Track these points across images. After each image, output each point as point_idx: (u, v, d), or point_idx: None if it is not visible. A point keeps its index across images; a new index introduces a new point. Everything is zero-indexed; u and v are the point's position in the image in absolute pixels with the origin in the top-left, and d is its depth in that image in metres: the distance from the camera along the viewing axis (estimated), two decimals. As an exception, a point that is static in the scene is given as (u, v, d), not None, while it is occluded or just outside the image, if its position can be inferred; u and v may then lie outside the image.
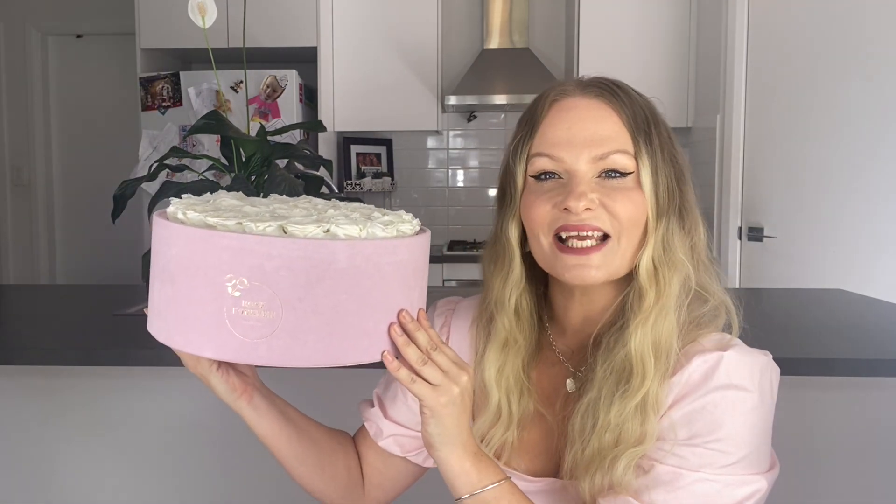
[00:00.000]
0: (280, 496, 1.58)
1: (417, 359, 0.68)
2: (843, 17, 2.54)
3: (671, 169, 0.78)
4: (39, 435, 1.60)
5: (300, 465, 0.86)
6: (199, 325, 0.63)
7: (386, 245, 0.65)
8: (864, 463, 1.51)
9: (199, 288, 0.62)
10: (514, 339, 0.83)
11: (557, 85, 0.82)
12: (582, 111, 0.78)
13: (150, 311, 0.69)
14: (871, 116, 2.46)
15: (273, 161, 1.46)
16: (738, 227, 2.93)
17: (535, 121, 0.80)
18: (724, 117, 2.97)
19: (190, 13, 1.38)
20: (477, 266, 0.90)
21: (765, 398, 0.75)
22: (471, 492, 0.74)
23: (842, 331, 1.66)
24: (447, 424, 0.72)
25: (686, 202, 0.80)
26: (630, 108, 0.78)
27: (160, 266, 0.66)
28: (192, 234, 0.63)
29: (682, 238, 0.78)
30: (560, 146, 0.77)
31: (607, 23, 3.40)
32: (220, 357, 0.64)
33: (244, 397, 0.79)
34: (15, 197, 4.25)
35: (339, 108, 3.54)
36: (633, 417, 0.74)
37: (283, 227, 0.62)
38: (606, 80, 0.81)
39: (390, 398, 0.91)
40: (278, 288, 0.61)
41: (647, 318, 0.76)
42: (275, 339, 0.62)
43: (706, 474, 0.72)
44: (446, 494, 0.78)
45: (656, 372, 0.74)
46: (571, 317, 0.84)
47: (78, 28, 4.14)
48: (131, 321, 1.67)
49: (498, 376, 0.83)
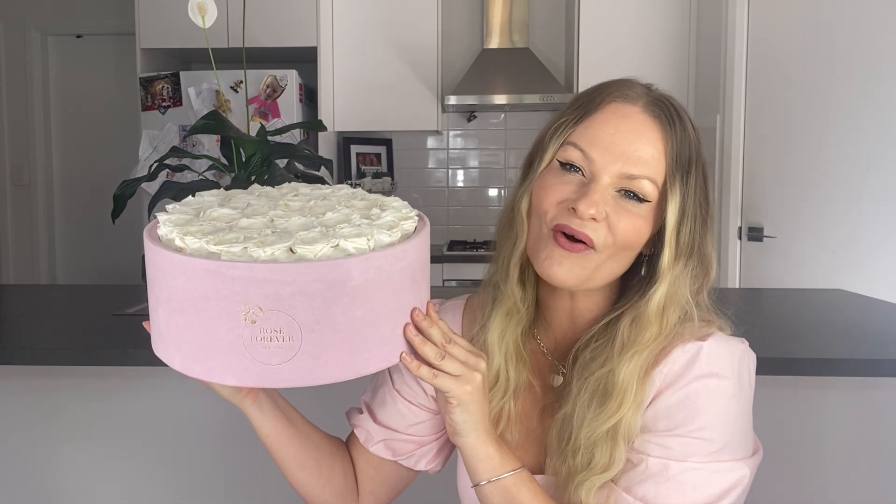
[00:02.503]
0: (280, 496, 1.58)
1: (435, 355, 0.69)
2: (843, 17, 2.54)
3: (698, 213, 0.78)
4: (39, 435, 1.60)
5: (299, 468, 0.86)
6: (217, 354, 0.62)
7: (395, 253, 0.64)
8: (864, 463, 1.51)
9: (212, 318, 0.61)
10: (516, 308, 0.84)
11: (625, 84, 0.81)
12: (634, 124, 0.77)
13: (155, 334, 0.67)
14: (871, 116, 2.46)
15: (273, 161, 1.46)
16: (738, 227, 2.93)
17: (587, 110, 0.79)
18: (724, 117, 2.97)
19: (190, 13, 1.38)
20: (477, 266, 0.91)
21: (744, 385, 0.76)
22: (492, 477, 0.75)
23: (842, 331, 1.65)
24: (473, 411, 0.73)
25: (703, 247, 0.79)
26: (679, 142, 0.77)
27: (165, 295, 0.63)
28: (198, 267, 0.60)
29: (691, 282, 0.78)
30: (597, 147, 0.77)
31: (607, 23, 3.40)
32: (243, 384, 0.63)
33: (249, 397, 0.79)
34: (15, 197, 4.25)
35: (339, 108, 3.54)
36: (604, 442, 0.75)
37: (292, 249, 0.61)
38: (670, 104, 0.79)
39: (379, 403, 0.91)
40: (295, 312, 0.60)
41: (643, 350, 0.76)
42: (297, 362, 0.61)
43: (693, 463, 0.73)
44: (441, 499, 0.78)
45: (634, 400, 0.75)
46: (557, 314, 0.86)
47: (78, 28, 4.14)
48: (131, 321, 1.67)
49: (500, 341, 0.84)
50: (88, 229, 4.17)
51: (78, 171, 4.23)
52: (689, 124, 0.80)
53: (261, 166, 1.45)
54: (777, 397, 1.46)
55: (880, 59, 2.43)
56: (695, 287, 0.79)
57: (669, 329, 0.77)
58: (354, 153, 3.76)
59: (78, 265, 4.30)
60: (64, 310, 1.92)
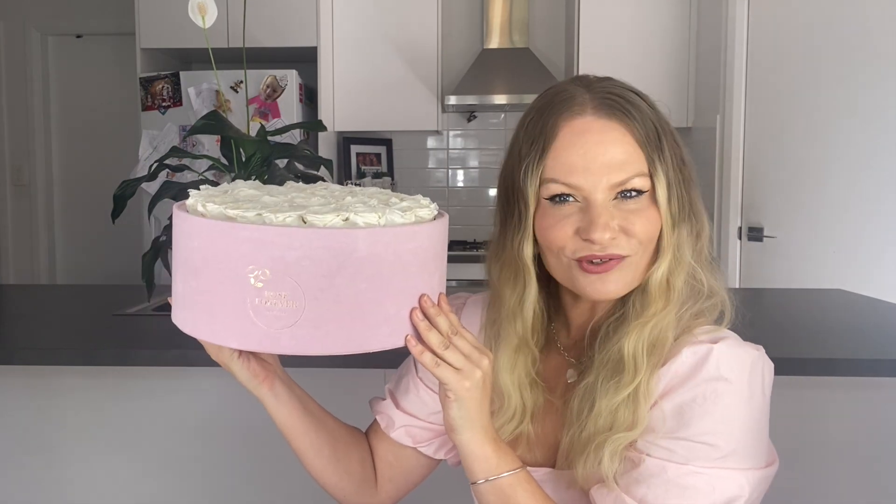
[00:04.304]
0: (280, 495, 1.58)
1: (439, 343, 0.69)
2: (842, 17, 2.54)
3: (680, 176, 0.79)
4: (39, 435, 1.60)
5: (316, 456, 0.87)
6: (224, 316, 0.64)
7: (405, 231, 0.65)
8: (864, 463, 1.51)
9: (222, 280, 0.63)
10: (525, 341, 0.84)
11: (567, 100, 0.78)
12: (596, 134, 0.76)
13: (174, 303, 0.70)
14: (871, 116, 2.46)
15: (273, 161, 1.46)
16: (738, 227, 2.93)
17: (546, 141, 0.77)
18: (724, 117, 2.97)
19: (190, 13, 1.38)
20: (477, 266, 0.91)
21: (755, 392, 0.75)
22: (489, 476, 0.75)
23: (842, 331, 1.66)
24: (470, 408, 0.72)
25: (694, 205, 0.80)
26: (642, 125, 0.77)
27: (182, 258, 0.67)
28: (213, 228, 0.63)
29: (690, 241, 0.79)
30: (576, 173, 0.75)
31: (607, 23, 3.40)
32: (244, 347, 0.65)
33: (266, 384, 0.80)
34: (15, 197, 4.25)
35: (339, 108, 3.54)
36: (625, 406, 0.75)
37: (303, 218, 0.62)
38: (617, 96, 0.78)
39: (402, 391, 0.92)
40: (300, 278, 0.61)
41: (649, 321, 0.76)
42: (298, 329, 0.62)
43: (694, 467, 0.72)
44: (457, 494, 0.78)
45: (647, 365, 0.75)
46: (577, 315, 0.86)
47: (78, 28, 4.13)
48: (131, 321, 1.67)
49: (511, 376, 0.84)
50: (88, 229, 4.17)
51: (78, 171, 4.23)
52: (643, 103, 0.78)
53: (261, 166, 1.45)
54: (777, 397, 1.46)
55: (880, 58, 2.43)
56: (695, 247, 0.79)
57: (678, 294, 0.77)
58: (354, 153, 3.76)
59: (78, 265, 4.30)
60: (64, 310, 1.92)
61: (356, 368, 1.38)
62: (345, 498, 0.91)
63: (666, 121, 0.80)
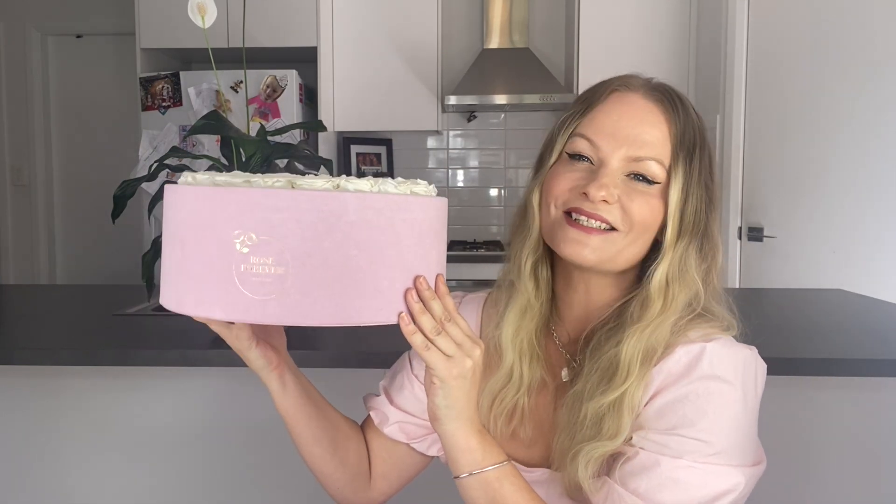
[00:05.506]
0: (280, 494, 1.58)
1: (431, 328, 0.68)
2: (842, 17, 2.54)
3: (703, 194, 0.79)
4: (39, 435, 1.60)
5: (314, 444, 0.87)
6: (209, 285, 0.62)
7: (398, 200, 0.63)
8: (864, 463, 1.51)
9: (207, 247, 0.61)
10: (531, 304, 0.85)
11: (626, 76, 0.83)
12: (636, 109, 0.79)
13: (162, 283, 0.68)
14: (872, 116, 2.46)
15: (273, 161, 1.46)
16: (738, 227, 2.92)
17: (591, 102, 0.82)
18: (724, 117, 2.97)
19: (190, 13, 1.38)
20: (478, 266, 0.91)
21: (747, 392, 0.76)
22: (473, 470, 0.75)
23: (842, 331, 1.66)
24: (456, 397, 0.72)
25: (710, 227, 0.80)
26: (682, 124, 0.79)
27: (170, 232, 0.65)
28: (200, 193, 0.62)
29: (698, 261, 0.79)
30: (603, 134, 0.79)
31: (607, 22, 3.40)
32: (230, 317, 0.62)
33: (276, 371, 0.80)
34: (15, 197, 4.25)
35: (339, 108, 3.54)
36: (610, 414, 0.75)
37: (292, 182, 0.61)
38: (672, 91, 0.82)
39: (397, 387, 0.93)
40: (287, 242, 0.59)
41: (647, 326, 0.77)
42: (285, 296, 0.60)
43: (687, 461, 0.73)
44: (450, 492, 0.78)
45: (638, 373, 0.76)
46: (572, 308, 0.86)
47: (78, 28, 4.14)
48: (131, 321, 1.67)
49: (514, 338, 0.84)
50: (88, 229, 4.17)
51: (78, 171, 4.23)
52: (692, 110, 0.82)
53: (261, 166, 1.45)
54: (777, 397, 1.46)
55: (880, 58, 2.43)
56: (703, 267, 0.79)
57: (677, 308, 0.77)
58: (354, 153, 3.76)
59: (78, 265, 4.30)
60: (64, 310, 1.92)
61: (356, 368, 1.38)
62: (338, 490, 0.91)
63: (707, 141, 0.82)
